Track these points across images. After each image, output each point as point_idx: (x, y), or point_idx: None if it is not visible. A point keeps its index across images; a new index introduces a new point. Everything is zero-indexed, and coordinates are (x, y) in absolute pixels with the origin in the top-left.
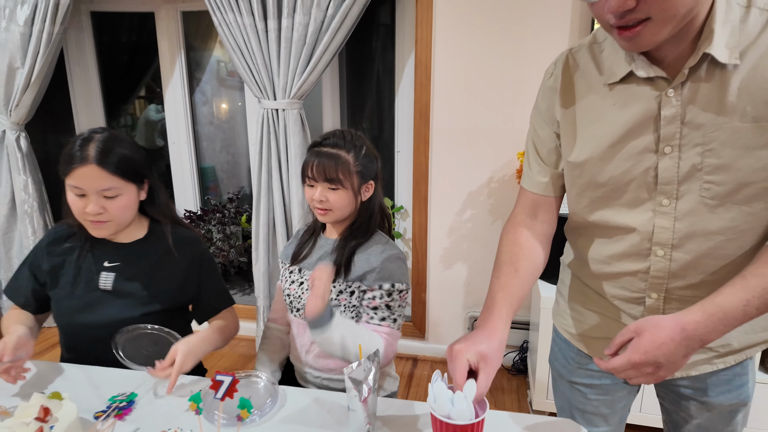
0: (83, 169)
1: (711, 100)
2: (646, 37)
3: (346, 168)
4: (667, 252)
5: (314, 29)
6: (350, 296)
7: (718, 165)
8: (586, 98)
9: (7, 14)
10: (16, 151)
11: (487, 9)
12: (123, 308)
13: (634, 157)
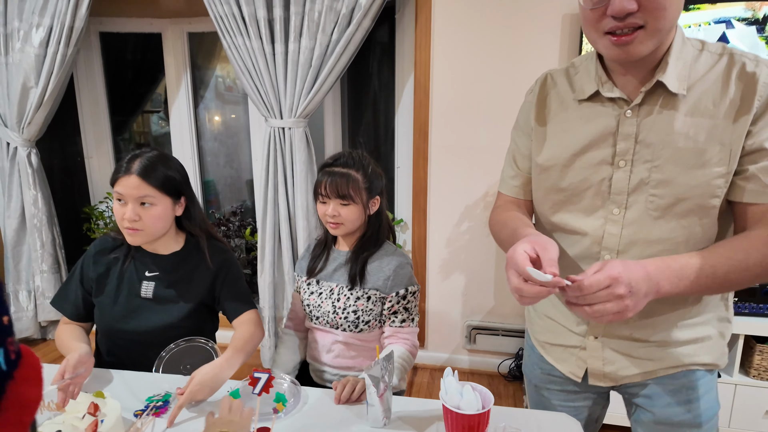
0: (126, 179)
1: (661, 122)
2: (636, 45)
3: (355, 185)
4: (614, 256)
5: (319, 53)
6: (367, 301)
7: (662, 180)
8: (558, 112)
9: (21, 36)
10: (27, 167)
11: (483, 34)
12: (162, 314)
13: (593, 168)
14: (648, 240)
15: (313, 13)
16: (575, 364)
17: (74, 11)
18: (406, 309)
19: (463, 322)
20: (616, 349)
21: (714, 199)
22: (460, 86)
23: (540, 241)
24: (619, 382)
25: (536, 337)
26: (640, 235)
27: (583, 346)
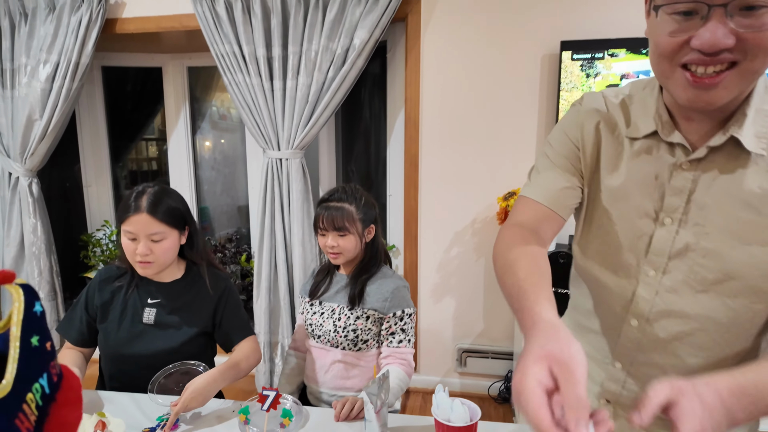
0: (136, 217)
1: (722, 184)
2: (720, 91)
3: (350, 217)
4: (642, 324)
5: (316, 89)
6: (366, 320)
7: (711, 250)
8: (607, 146)
9: (29, 71)
10: (28, 196)
11: (468, 73)
12: (164, 339)
13: (633, 219)
14: (684, 314)
15: (310, 52)
16: None
17: (81, 48)
18: (403, 330)
19: (454, 345)
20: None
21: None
22: (448, 120)
23: (561, 357)
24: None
25: None
26: (677, 306)
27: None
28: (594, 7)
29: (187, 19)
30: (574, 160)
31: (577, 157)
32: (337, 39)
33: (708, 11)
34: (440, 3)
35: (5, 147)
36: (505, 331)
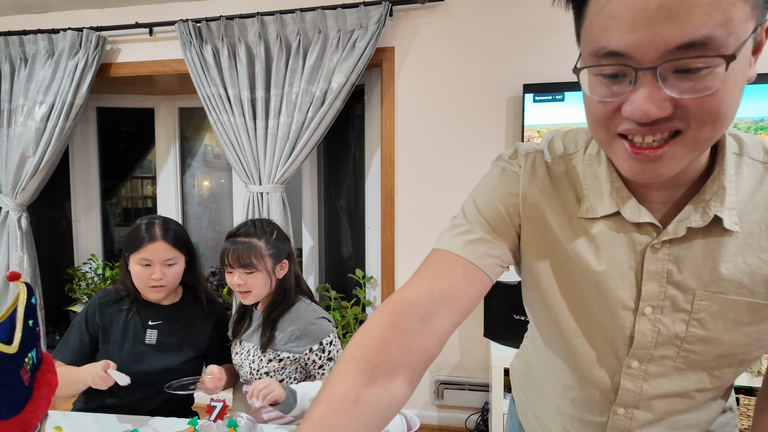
0: (153, 245)
1: (705, 263)
2: (667, 162)
3: (258, 253)
4: (629, 411)
5: (296, 128)
6: (279, 362)
7: (703, 337)
8: (553, 223)
9: (25, 112)
10: (16, 230)
11: (439, 114)
12: (165, 359)
13: (608, 312)
14: (673, 393)
15: (291, 94)
16: None
17: (76, 90)
18: (330, 359)
19: (431, 378)
20: None
21: (759, 351)
22: (421, 158)
23: None
24: None
25: (523, 418)
26: (665, 389)
27: None
28: (554, 52)
29: (177, 64)
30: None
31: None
32: (317, 82)
33: (636, 75)
34: (412, 51)
35: None
36: (480, 362)
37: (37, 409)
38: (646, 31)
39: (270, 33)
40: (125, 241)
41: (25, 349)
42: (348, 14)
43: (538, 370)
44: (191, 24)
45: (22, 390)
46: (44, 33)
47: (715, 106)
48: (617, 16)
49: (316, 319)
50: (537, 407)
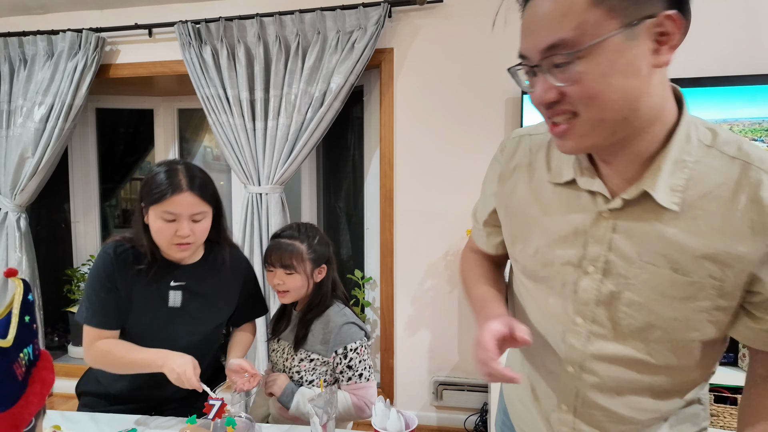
0: (180, 197)
1: (642, 236)
2: (572, 137)
3: (299, 256)
4: (577, 370)
5: (295, 129)
6: (309, 363)
7: (634, 302)
8: (527, 191)
9: (24, 113)
10: (15, 230)
11: (438, 115)
12: (194, 324)
13: (557, 266)
14: (613, 358)
15: (290, 95)
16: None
17: (75, 91)
18: (349, 367)
19: (430, 378)
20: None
21: (694, 333)
22: (420, 159)
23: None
24: None
25: (509, 404)
26: (604, 351)
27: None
28: None
29: (177, 65)
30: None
31: (495, 213)
32: (315, 83)
33: (532, 71)
34: (411, 52)
35: None
36: None
37: (30, 405)
38: (528, 39)
39: (269, 34)
40: (142, 189)
41: (20, 345)
42: (347, 15)
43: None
44: (190, 25)
45: (15, 384)
46: (44, 34)
47: (586, 91)
48: (521, 29)
49: (345, 324)
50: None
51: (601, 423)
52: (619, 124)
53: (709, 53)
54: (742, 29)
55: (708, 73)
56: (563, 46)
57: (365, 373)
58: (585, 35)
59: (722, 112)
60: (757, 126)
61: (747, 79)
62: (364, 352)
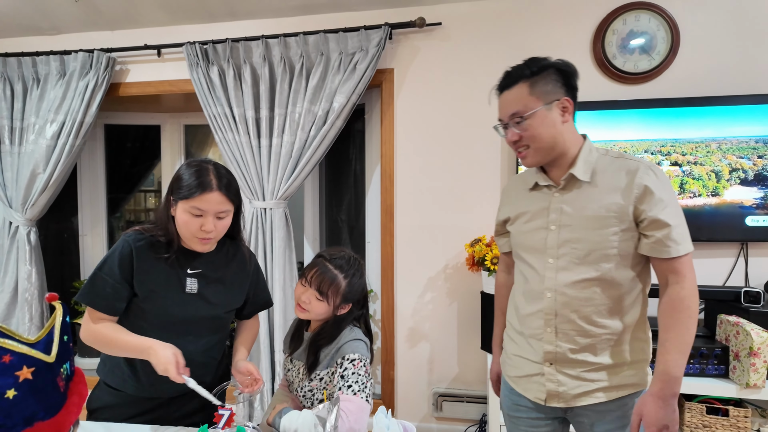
0: (209, 195)
1: (576, 199)
2: (528, 159)
3: (336, 289)
4: (553, 294)
5: (299, 146)
6: (320, 382)
7: (578, 238)
8: (518, 196)
9: (36, 130)
10: (25, 244)
11: (436, 134)
12: (208, 308)
13: (535, 230)
14: (574, 281)
15: (294, 114)
16: (538, 390)
17: (86, 109)
18: (342, 377)
19: (430, 390)
20: (567, 373)
21: (612, 249)
22: (420, 175)
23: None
24: (570, 403)
25: (508, 374)
26: (569, 278)
27: (542, 372)
28: None
29: (184, 84)
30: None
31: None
32: (319, 103)
33: (506, 126)
34: (411, 71)
35: (8, 198)
36: (478, 374)
37: (70, 414)
38: (502, 110)
39: (274, 55)
40: (173, 184)
41: (60, 361)
42: (349, 38)
43: (514, 301)
44: (198, 46)
45: (58, 396)
46: (56, 54)
47: (530, 136)
48: (499, 106)
49: (351, 340)
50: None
51: (572, 337)
52: (549, 151)
53: (700, 74)
54: (730, 52)
55: (699, 93)
56: (518, 114)
57: (355, 386)
58: (527, 109)
59: (713, 130)
60: (744, 144)
61: (736, 100)
62: (360, 367)
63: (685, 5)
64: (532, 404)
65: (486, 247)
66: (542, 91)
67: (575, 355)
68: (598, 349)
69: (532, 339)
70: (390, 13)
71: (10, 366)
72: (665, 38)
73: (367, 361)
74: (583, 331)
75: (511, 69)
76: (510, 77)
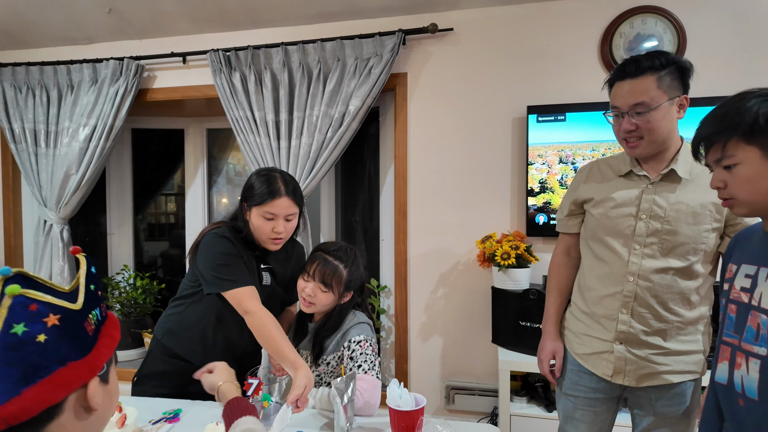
0: (280, 200)
1: (670, 194)
2: (639, 150)
3: (339, 279)
4: (635, 279)
5: (316, 148)
6: (327, 366)
7: (670, 230)
8: (602, 181)
9: (70, 133)
10: (59, 241)
11: (448, 134)
12: (278, 298)
13: (623, 217)
14: (658, 269)
15: (312, 117)
16: (606, 366)
17: (116, 113)
18: (351, 358)
19: (443, 384)
20: (636, 353)
21: (702, 245)
22: (432, 175)
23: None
24: (635, 383)
25: (576, 351)
26: (653, 265)
27: (611, 350)
28: (555, 76)
29: (208, 89)
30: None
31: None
32: (335, 106)
33: (623, 115)
34: (423, 75)
35: (43, 198)
36: (489, 368)
37: (101, 354)
38: (621, 99)
39: (293, 61)
40: (245, 192)
41: (88, 308)
42: (364, 44)
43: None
44: (221, 53)
45: (88, 338)
46: (89, 62)
47: (649, 128)
48: (613, 94)
49: (355, 324)
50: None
51: (647, 320)
52: (660, 144)
53: (706, 76)
54: (736, 54)
55: (706, 94)
56: (643, 105)
57: (365, 365)
58: (653, 102)
59: None
60: None
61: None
62: (368, 347)
63: (691, 8)
64: (593, 384)
65: (496, 244)
66: (668, 86)
67: (647, 338)
68: (668, 334)
69: (605, 319)
70: (403, 19)
71: (37, 314)
72: (672, 41)
73: (372, 341)
74: (658, 316)
75: (639, 58)
76: (638, 67)
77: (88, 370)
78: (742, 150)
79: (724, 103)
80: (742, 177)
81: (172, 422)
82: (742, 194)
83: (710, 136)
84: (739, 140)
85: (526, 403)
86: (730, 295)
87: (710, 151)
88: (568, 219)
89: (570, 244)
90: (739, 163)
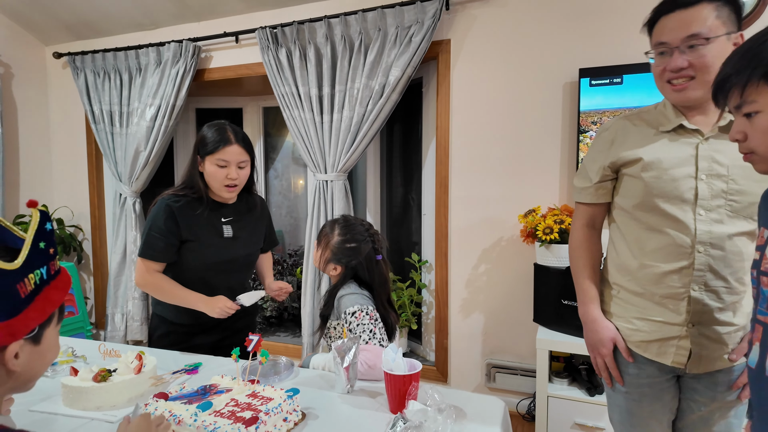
0: (231, 147)
1: (730, 148)
2: (689, 92)
3: (327, 240)
4: (706, 248)
5: (357, 120)
6: (334, 330)
7: (738, 189)
8: (640, 140)
9: (139, 113)
10: (132, 212)
11: (494, 103)
12: (243, 248)
13: (681, 179)
14: (730, 234)
15: (353, 90)
16: (677, 353)
17: (177, 93)
18: (350, 331)
19: (483, 361)
20: (708, 335)
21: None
22: (475, 147)
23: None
24: (710, 368)
25: (630, 339)
26: (724, 230)
27: (682, 335)
28: (610, 35)
29: (258, 67)
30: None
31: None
32: (376, 77)
33: (672, 51)
34: (467, 42)
35: (119, 173)
36: (532, 349)
37: (28, 320)
38: (671, 32)
39: (336, 34)
40: (197, 144)
41: (30, 267)
42: (405, 11)
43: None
44: (269, 30)
45: (16, 300)
46: (153, 46)
47: (703, 65)
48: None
49: (343, 296)
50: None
51: (721, 294)
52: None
53: None
54: None
55: None
56: (699, 36)
57: (364, 335)
58: (711, 32)
59: None
60: None
61: None
62: (363, 317)
63: None
64: (656, 374)
65: (540, 218)
66: (727, 18)
67: (720, 315)
68: (737, 308)
69: (670, 300)
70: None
71: None
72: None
73: (367, 309)
74: (731, 289)
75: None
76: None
77: (7, 333)
78: (764, 95)
79: (749, 39)
80: (763, 128)
81: (190, 374)
82: (761, 148)
83: (728, 77)
84: (760, 82)
85: (567, 385)
86: (762, 266)
87: (729, 95)
88: (598, 187)
89: (595, 215)
90: (761, 111)
